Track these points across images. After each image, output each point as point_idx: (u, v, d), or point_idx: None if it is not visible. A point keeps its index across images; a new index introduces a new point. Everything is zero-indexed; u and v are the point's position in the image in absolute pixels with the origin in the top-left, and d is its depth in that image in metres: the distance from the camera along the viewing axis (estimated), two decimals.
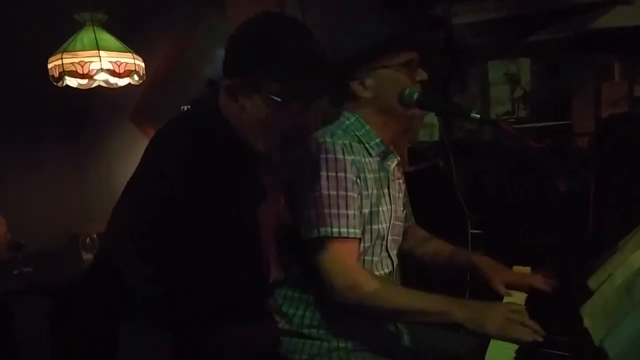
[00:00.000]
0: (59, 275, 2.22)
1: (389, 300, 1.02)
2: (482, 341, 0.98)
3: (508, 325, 0.94)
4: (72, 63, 2.17)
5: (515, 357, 0.89)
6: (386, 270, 1.19)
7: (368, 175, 1.13)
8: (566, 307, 1.01)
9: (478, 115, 1.12)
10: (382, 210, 1.16)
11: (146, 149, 0.98)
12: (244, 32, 1.00)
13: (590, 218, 1.76)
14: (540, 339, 0.91)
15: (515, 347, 0.93)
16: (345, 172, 1.06)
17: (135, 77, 2.40)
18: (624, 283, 0.92)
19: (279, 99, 0.94)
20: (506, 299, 1.19)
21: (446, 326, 1.00)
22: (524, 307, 1.06)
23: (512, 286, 1.21)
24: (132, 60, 2.34)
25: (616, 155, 2.00)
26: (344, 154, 1.06)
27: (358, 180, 1.09)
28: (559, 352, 0.89)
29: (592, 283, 1.09)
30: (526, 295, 1.21)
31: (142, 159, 0.98)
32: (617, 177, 1.91)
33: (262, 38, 0.97)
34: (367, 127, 1.17)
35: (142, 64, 2.43)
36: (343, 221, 1.04)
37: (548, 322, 0.99)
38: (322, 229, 1.03)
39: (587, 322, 0.92)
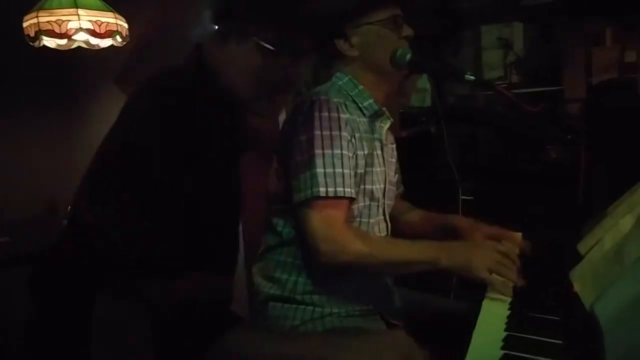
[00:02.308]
0: (38, 244, 2.15)
1: (374, 256, 1.01)
2: (474, 303, 0.97)
3: (495, 267, 0.96)
4: (48, 22, 2.06)
5: (507, 321, 0.89)
6: (381, 234, 1.19)
7: (363, 136, 1.11)
8: (556, 271, 1.02)
9: (472, 77, 1.10)
10: (377, 172, 1.14)
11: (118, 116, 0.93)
12: None
13: (581, 184, 1.77)
14: (522, 283, 0.95)
15: (507, 311, 0.93)
16: (340, 131, 1.03)
17: (118, 38, 2.31)
18: (613, 248, 0.92)
19: (272, 48, 0.90)
20: None
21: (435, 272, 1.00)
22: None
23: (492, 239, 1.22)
24: (114, 20, 2.24)
25: (605, 121, 2.00)
26: (338, 112, 1.04)
27: (353, 140, 1.07)
28: (549, 317, 0.89)
29: (581, 248, 1.09)
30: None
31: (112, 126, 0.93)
32: (607, 144, 1.91)
33: None
34: (360, 87, 1.15)
35: (125, 25, 2.33)
36: (339, 180, 1.01)
37: (538, 286, 1.00)
38: (316, 189, 0.99)
39: (576, 287, 0.92)
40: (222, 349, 0.83)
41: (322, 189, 0.99)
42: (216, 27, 0.94)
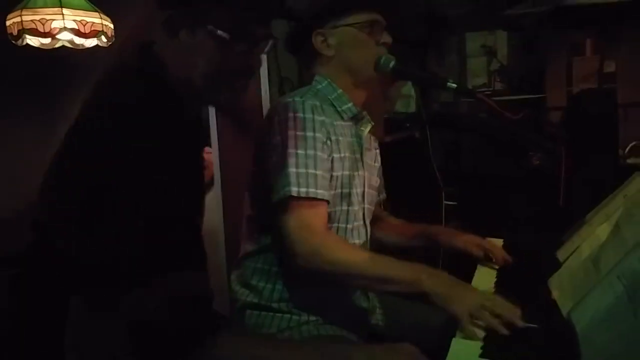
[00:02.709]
0: (16, 245, 2.09)
1: (354, 267, 0.97)
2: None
3: (477, 312, 0.88)
4: (32, 20, 2.03)
5: (487, 330, 0.90)
6: (360, 240, 1.17)
7: (340, 139, 1.10)
8: (536, 278, 1.02)
9: (454, 85, 1.12)
10: (356, 175, 1.14)
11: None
12: None
13: (561, 191, 1.80)
14: (505, 332, 0.84)
15: None
16: (314, 132, 1.02)
17: (103, 39, 2.29)
18: (591, 256, 0.93)
19: (227, 36, 0.84)
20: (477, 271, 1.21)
21: (413, 296, 0.96)
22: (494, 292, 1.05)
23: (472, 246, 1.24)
24: (99, 20, 2.22)
25: (585, 129, 2.04)
26: (313, 114, 1.03)
27: (328, 142, 1.06)
28: (528, 324, 0.88)
29: (560, 255, 1.11)
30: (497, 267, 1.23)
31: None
32: (586, 152, 1.95)
33: None
34: (339, 91, 1.15)
35: (111, 25, 2.32)
36: (312, 181, 0.99)
37: (518, 293, 1.01)
38: (288, 189, 0.97)
39: (555, 294, 0.94)
40: (204, 353, 0.81)
41: (294, 189, 0.98)
42: (166, 17, 0.87)
